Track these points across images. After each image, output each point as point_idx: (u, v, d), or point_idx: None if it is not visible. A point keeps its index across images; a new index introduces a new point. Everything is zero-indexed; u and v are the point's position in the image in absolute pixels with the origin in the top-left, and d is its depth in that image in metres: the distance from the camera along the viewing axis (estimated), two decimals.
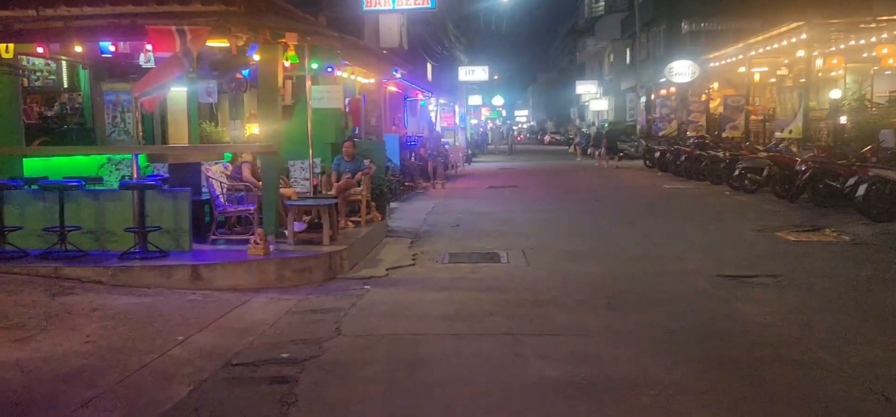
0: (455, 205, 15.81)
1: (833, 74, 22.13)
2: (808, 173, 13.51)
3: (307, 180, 10.40)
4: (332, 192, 9.96)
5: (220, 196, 8.57)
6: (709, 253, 9.33)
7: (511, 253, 9.60)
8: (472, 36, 40.56)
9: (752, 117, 22.74)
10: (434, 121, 27.60)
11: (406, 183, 19.52)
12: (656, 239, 10.56)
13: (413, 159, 21.91)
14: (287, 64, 8.87)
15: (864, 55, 21.22)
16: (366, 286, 7.74)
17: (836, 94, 17.20)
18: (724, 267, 8.34)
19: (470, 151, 33.42)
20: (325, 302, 7.06)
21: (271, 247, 8.06)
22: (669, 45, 37.20)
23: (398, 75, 16.07)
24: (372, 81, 11.62)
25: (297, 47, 8.36)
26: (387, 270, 8.58)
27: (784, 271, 8.15)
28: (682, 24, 35.72)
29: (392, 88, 21.85)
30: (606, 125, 39.31)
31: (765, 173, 15.39)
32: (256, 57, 8.12)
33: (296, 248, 8.38)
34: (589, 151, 36.33)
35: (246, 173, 8.68)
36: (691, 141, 23.18)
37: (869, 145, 13.62)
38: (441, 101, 30.68)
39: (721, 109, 25.69)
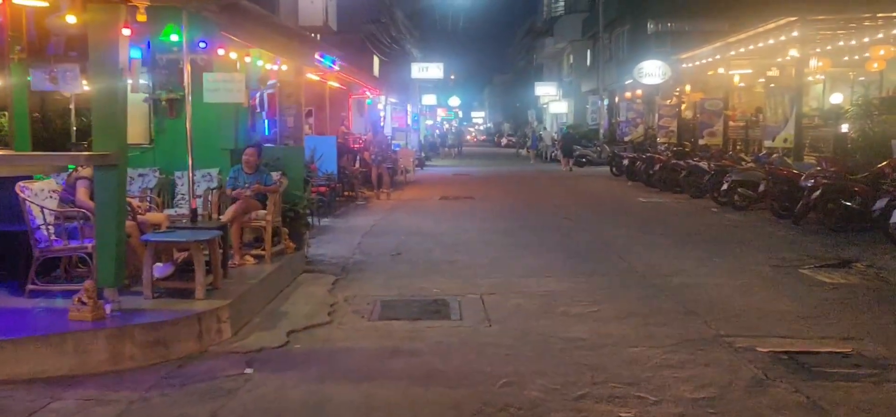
0: (400, 221, 13.25)
1: (810, 79, 20.32)
2: (817, 192, 11.37)
3: (201, 197, 7.75)
4: (223, 217, 7.30)
5: (43, 228, 5.85)
6: (731, 304, 6.98)
7: (465, 301, 7.11)
8: (427, 32, 38.17)
9: (732, 124, 20.75)
10: (383, 121, 24.95)
11: (345, 192, 16.89)
12: (651, 277, 8.19)
13: (356, 164, 19.31)
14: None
15: (845, 58, 19.47)
16: (247, 370, 5.14)
17: (837, 98, 15.22)
18: (764, 333, 5.99)
19: (423, 155, 30.87)
20: (172, 408, 4.45)
21: (109, 307, 5.39)
22: (634, 46, 35.31)
23: (329, 64, 13.44)
24: (285, 68, 8.88)
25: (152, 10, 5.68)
26: (288, 334, 5.98)
27: (849, 333, 5.87)
28: (648, 24, 33.90)
29: (333, 84, 19.18)
30: (566, 129, 37.28)
31: (760, 188, 13.25)
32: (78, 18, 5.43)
33: (154, 305, 5.73)
34: (553, 155, 34.60)
35: (81, 193, 5.96)
36: (666, 149, 21.08)
37: (885, 160, 11.56)
38: (392, 100, 28.06)
39: (696, 114, 23.69)
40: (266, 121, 14.47)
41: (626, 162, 22.65)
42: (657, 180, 18.87)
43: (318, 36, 14.88)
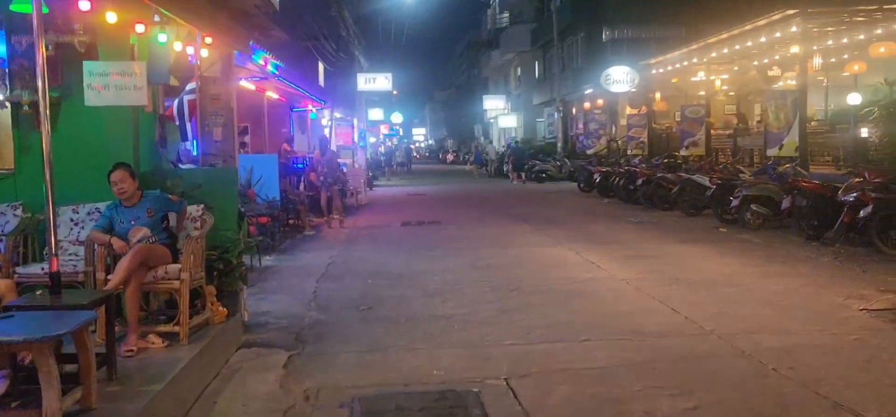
0: (361, 257, 10.79)
1: (783, 82, 18.86)
2: (867, 208, 9.48)
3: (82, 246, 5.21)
4: (110, 283, 4.76)
5: None
6: (836, 378, 4.84)
7: (488, 393, 4.76)
8: (371, 43, 35.80)
9: (714, 132, 19.07)
10: (328, 138, 22.38)
11: (289, 221, 14.31)
12: (720, 324, 6.01)
13: (301, 187, 16.73)
14: None
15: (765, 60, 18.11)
16: None
17: (855, 99, 13.53)
18: None
19: (371, 175, 28.37)
20: None
21: None
22: (590, 55, 33.76)
23: (258, 59, 10.89)
24: (208, 55, 6.34)
25: None
26: None
27: None
28: (603, 32, 32.45)
29: (271, 95, 16.59)
30: (515, 142, 35.40)
31: (783, 205, 11.35)
32: None
33: None
34: (505, 170, 32.78)
35: None
36: (644, 161, 19.20)
37: None
38: (337, 114, 25.49)
39: (671, 123, 22.02)
40: (191, 136, 11.87)
41: (597, 177, 20.69)
42: (641, 197, 16.92)
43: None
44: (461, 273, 9.12)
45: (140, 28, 5.48)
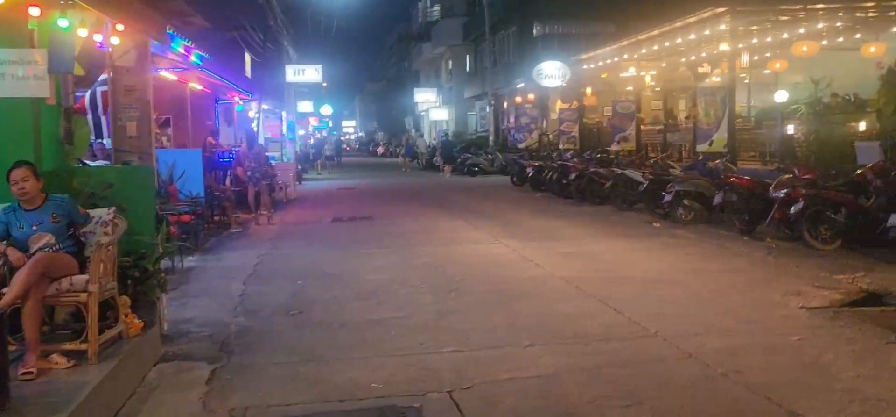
0: (291, 257, 10.30)
1: (710, 79, 19.32)
2: (798, 204, 9.65)
3: None
4: (4, 298, 4.21)
5: None
6: (785, 382, 4.78)
7: (430, 408, 4.47)
8: (300, 34, 34.87)
9: (645, 128, 19.32)
10: (256, 130, 21.57)
11: (215, 217, 13.64)
12: (663, 325, 5.90)
13: (228, 182, 16.02)
14: None
15: (693, 56, 18.57)
16: None
17: (781, 96, 13.84)
18: None
19: (300, 168, 27.59)
20: None
21: None
22: (521, 49, 33.90)
23: (183, 51, 10.25)
24: (119, 42, 5.77)
25: None
26: None
27: None
28: (535, 27, 32.60)
29: (195, 86, 15.80)
30: (446, 136, 35.23)
31: (716, 200, 11.48)
32: None
33: None
34: (434, 162, 33.11)
35: None
36: (575, 155, 19.26)
37: (868, 164, 10.08)
38: (264, 106, 24.65)
39: (602, 118, 22.23)
40: (105, 130, 11.10)
41: (530, 171, 20.68)
42: (574, 191, 16.95)
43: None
44: (396, 272, 8.78)
45: (35, 11, 4.89)
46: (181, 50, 10.16)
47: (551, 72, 24.47)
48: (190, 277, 8.81)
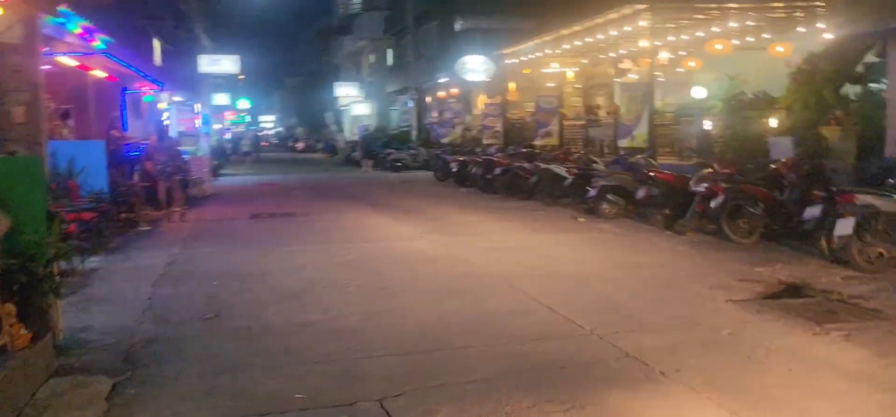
0: (206, 256, 9.68)
1: (625, 76, 19.69)
2: (718, 199, 9.79)
3: None
4: None
5: None
6: (724, 379, 4.73)
7: (359, 415, 4.13)
8: (215, 25, 33.52)
9: (567, 123, 19.45)
10: (166, 123, 20.50)
11: (122, 215, 12.75)
12: (597, 322, 5.76)
13: (136, 177, 15.07)
14: None
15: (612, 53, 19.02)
16: None
17: (700, 93, 14.12)
18: None
19: (216, 163, 26.47)
20: None
21: None
22: (444, 44, 33.68)
23: (80, 31, 9.43)
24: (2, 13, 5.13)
25: None
26: None
27: None
28: (457, 21, 32.47)
29: (99, 74, 14.77)
30: (366, 130, 34.75)
31: (639, 195, 11.58)
32: None
33: None
34: (354, 157, 33.09)
35: None
36: (500, 151, 19.18)
37: (781, 159, 10.35)
38: (176, 98, 23.49)
39: (521, 113, 22.28)
40: None
41: (454, 166, 20.51)
42: (499, 186, 16.87)
43: None
44: (321, 272, 8.35)
45: None
46: (79, 29, 9.34)
47: (475, 66, 24.37)
48: (92, 279, 8.11)
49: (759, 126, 12.83)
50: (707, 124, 13.31)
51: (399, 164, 28.55)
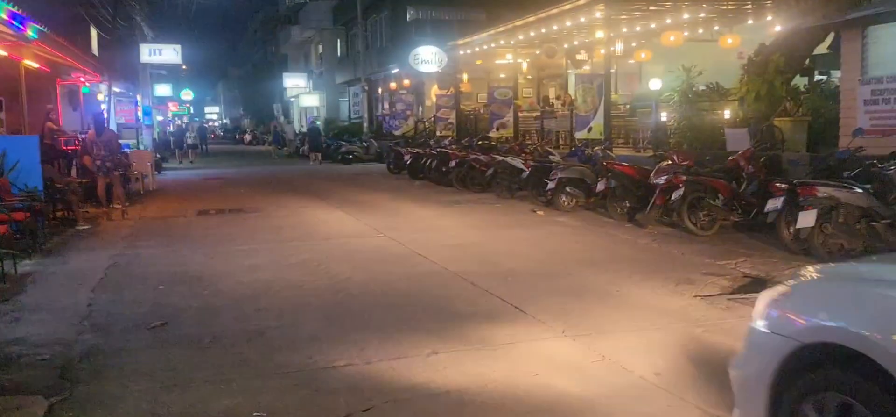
0: (150, 259, 9.14)
1: (579, 68, 19.72)
2: (678, 191, 9.74)
3: None
4: None
5: None
6: (703, 382, 4.58)
7: None
8: (155, 14, 32.29)
9: (522, 114, 19.32)
10: (106, 114, 19.53)
11: (57, 213, 12.07)
12: (570, 324, 5.56)
13: (73, 172, 14.34)
14: None
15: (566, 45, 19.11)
16: None
17: (656, 84, 14.11)
18: None
19: (159, 157, 25.51)
20: None
21: None
22: (394, 35, 33.26)
23: (6, 17, 8.77)
24: None
25: None
26: None
27: None
28: (408, 12, 32.07)
29: (31, 64, 13.95)
30: (315, 122, 34.09)
31: (599, 187, 11.47)
32: None
33: None
34: (302, 151, 32.67)
35: None
36: (453, 142, 18.92)
37: (738, 150, 10.38)
38: (116, 88, 22.50)
39: (473, 104, 22.06)
40: None
41: (408, 159, 20.18)
42: (454, 179, 16.62)
43: None
44: (275, 273, 7.95)
45: None
46: (4, 16, 8.70)
47: (428, 57, 24.04)
48: (25, 285, 7.55)
49: (713, 117, 12.89)
50: (663, 116, 13.32)
51: (351, 156, 28.05)
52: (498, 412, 4.15)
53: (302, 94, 49.40)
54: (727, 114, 13.01)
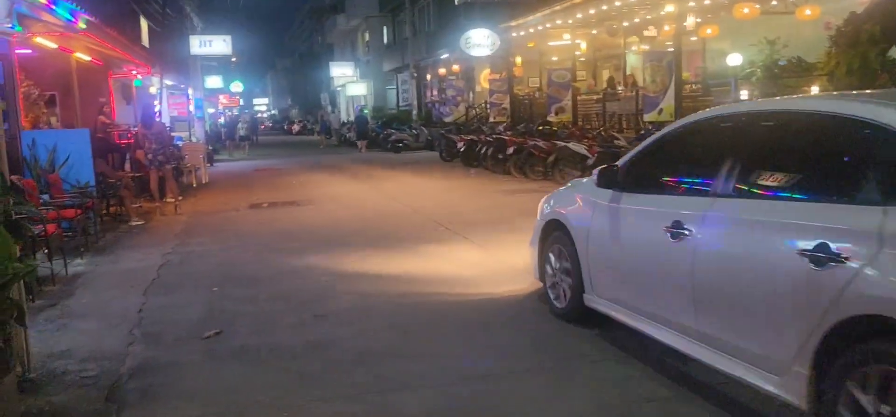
0: (204, 256, 8.70)
1: (637, 46, 18.66)
2: None
3: None
4: None
5: None
6: None
7: None
8: (205, 8, 32.30)
9: (580, 97, 18.42)
10: (158, 107, 19.40)
11: (110, 209, 11.81)
12: None
13: (127, 166, 14.14)
14: None
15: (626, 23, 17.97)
16: None
17: (736, 59, 13.09)
18: None
19: (211, 149, 25.45)
20: None
21: None
22: (442, 19, 32.54)
23: (67, 16, 8.43)
24: None
25: None
26: None
27: None
28: None
29: (82, 57, 13.73)
30: (365, 112, 33.74)
31: None
32: None
33: None
34: (348, 138, 33.14)
35: None
36: (523, 129, 18.10)
37: None
38: (168, 82, 22.40)
39: (525, 89, 21.21)
40: None
41: (461, 146, 19.53)
42: (512, 166, 15.90)
43: None
44: (335, 275, 7.37)
45: None
46: (69, 16, 8.35)
47: (480, 40, 23.24)
48: (75, 287, 7.17)
49: (799, 94, 11.83)
50: (743, 94, 12.31)
51: (400, 144, 27.56)
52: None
53: (349, 82, 49.14)
54: (815, 90, 11.92)
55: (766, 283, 3.27)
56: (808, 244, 3.03)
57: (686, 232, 3.83)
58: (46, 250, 7.22)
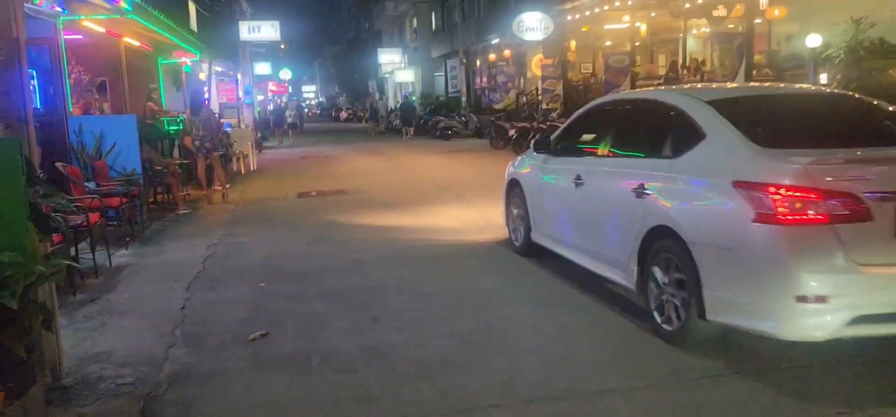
0: (250, 248, 8.31)
1: (697, 29, 17.63)
2: None
3: None
4: None
5: None
6: None
7: None
8: None
9: (639, 82, 17.57)
10: (207, 93, 19.25)
11: (157, 197, 11.57)
12: None
13: (175, 153, 13.93)
14: None
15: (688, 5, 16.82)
16: None
17: (815, 40, 12.14)
18: None
19: (260, 136, 25.30)
20: None
21: None
22: (491, 4, 31.74)
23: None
24: None
25: None
26: None
27: None
28: None
29: (131, 42, 13.58)
30: (412, 98, 33.22)
31: None
32: None
33: None
34: (395, 124, 33.10)
35: None
36: (560, 115, 17.42)
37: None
38: (217, 68, 22.29)
39: (575, 74, 20.38)
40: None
41: (513, 133, 18.89)
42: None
43: None
44: (390, 271, 6.87)
45: None
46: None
47: (533, 24, 22.45)
48: (118, 281, 6.83)
49: (886, 78, 10.87)
50: (822, 77, 11.38)
51: (449, 131, 27.01)
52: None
53: (397, 69, 48.76)
54: None
55: (617, 211, 5.11)
56: (635, 184, 4.82)
57: (581, 182, 5.64)
58: (106, 227, 6.88)
